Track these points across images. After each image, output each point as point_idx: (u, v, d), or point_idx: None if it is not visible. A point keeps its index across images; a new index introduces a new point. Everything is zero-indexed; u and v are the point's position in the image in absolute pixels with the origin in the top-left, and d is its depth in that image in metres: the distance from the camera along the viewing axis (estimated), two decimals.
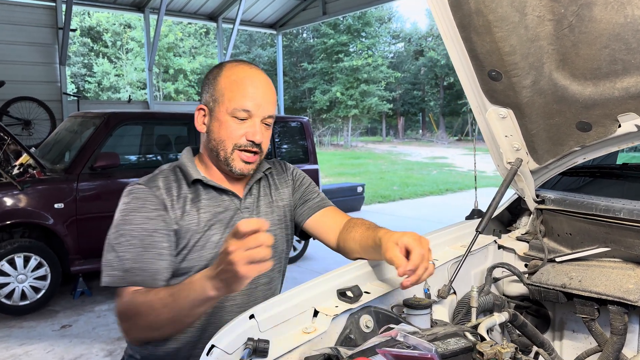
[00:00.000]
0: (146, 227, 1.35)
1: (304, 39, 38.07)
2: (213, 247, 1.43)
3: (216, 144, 1.45)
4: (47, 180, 5.03)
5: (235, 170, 1.46)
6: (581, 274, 1.54)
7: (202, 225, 1.43)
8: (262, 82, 1.46)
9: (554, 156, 1.67)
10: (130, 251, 1.33)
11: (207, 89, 1.47)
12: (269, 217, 1.57)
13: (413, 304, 1.37)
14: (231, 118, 1.42)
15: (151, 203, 1.39)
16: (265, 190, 1.61)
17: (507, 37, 1.42)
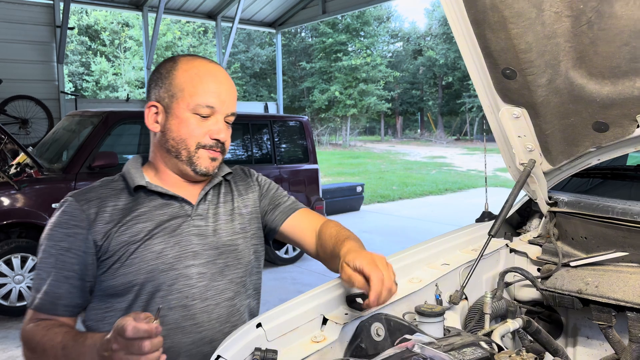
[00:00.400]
0: (62, 244, 1.27)
1: (303, 38, 37.99)
2: (155, 258, 1.29)
3: (176, 144, 1.33)
4: (44, 180, 4.97)
5: (200, 170, 1.35)
6: (598, 279, 1.49)
7: (141, 236, 1.30)
8: (224, 77, 1.36)
9: (568, 157, 1.62)
10: (45, 270, 1.26)
11: (160, 84, 1.35)
12: (228, 225, 1.43)
13: (425, 312, 1.31)
14: (192, 115, 1.31)
15: (74, 219, 1.28)
16: (225, 197, 1.48)
17: (523, 34, 1.37)
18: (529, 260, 1.75)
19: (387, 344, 1.28)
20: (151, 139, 1.40)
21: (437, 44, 38.65)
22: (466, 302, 1.59)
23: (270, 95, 32.40)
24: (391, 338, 1.29)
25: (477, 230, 1.77)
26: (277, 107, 12.95)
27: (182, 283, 1.31)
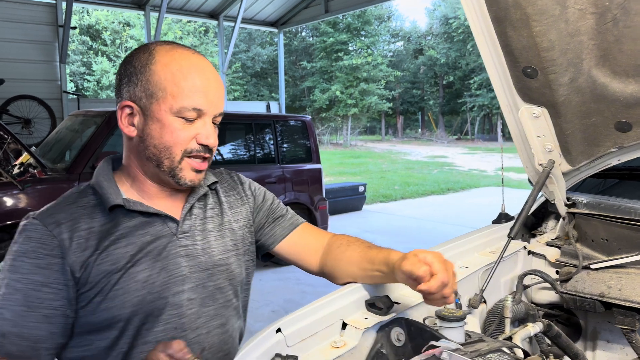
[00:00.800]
0: (34, 278, 1.07)
1: (303, 37, 37.97)
2: (140, 288, 1.13)
3: (158, 152, 1.14)
4: (48, 180, 4.94)
5: (184, 182, 1.17)
6: (620, 282, 1.46)
7: (122, 263, 1.12)
8: (211, 72, 1.17)
9: (588, 158, 1.59)
10: (11, 309, 1.05)
11: (133, 81, 1.14)
12: (218, 242, 1.27)
13: (447, 316, 1.28)
14: (177, 119, 1.12)
15: (44, 247, 1.08)
16: (213, 210, 1.31)
17: (545, 32, 1.33)
18: (547, 263, 1.72)
19: (407, 350, 1.25)
20: (124, 143, 1.21)
21: (438, 43, 38.63)
22: (485, 305, 1.56)
23: (272, 94, 32.38)
24: (412, 343, 1.26)
25: (494, 232, 1.74)
26: (280, 106, 12.93)
27: (171, 312, 1.17)
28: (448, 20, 36.20)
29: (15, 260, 1.08)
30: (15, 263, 1.08)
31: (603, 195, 1.77)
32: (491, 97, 32.79)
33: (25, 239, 1.09)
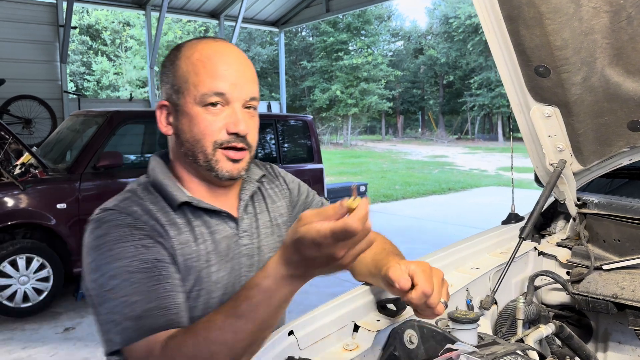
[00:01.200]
0: (145, 257, 1.00)
1: (303, 37, 37.96)
2: (215, 289, 1.10)
3: (191, 146, 1.10)
4: (49, 180, 4.93)
5: (222, 174, 1.10)
6: (633, 283, 1.45)
7: (202, 261, 1.09)
8: (235, 55, 1.11)
9: (600, 157, 1.57)
10: (136, 291, 0.96)
11: (164, 80, 1.13)
12: (268, 239, 1.23)
13: (460, 318, 1.26)
14: (203, 109, 1.07)
15: (140, 230, 1.03)
16: (260, 206, 1.26)
17: (559, 30, 1.32)
18: (558, 264, 1.71)
19: (420, 352, 1.24)
20: (169, 145, 1.18)
21: (438, 42, 38.63)
22: (496, 307, 1.54)
23: (272, 94, 32.36)
24: (424, 346, 1.25)
25: (504, 232, 1.73)
26: (280, 106, 12.92)
27: None
28: (448, 20, 36.19)
29: (111, 250, 0.99)
30: (114, 252, 0.99)
31: (613, 195, 1.76)
32: (491, 97, 32.79)
33: (112, 227, 1.02)
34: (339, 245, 0.77)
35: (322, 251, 0.78)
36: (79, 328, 4.58)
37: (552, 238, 1.81)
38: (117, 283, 0.96)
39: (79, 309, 5.04)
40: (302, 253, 0.80)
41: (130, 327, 0.94)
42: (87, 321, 4.72)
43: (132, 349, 0.94)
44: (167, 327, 0.94)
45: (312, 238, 0.77)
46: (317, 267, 0.82)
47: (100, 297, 0.98)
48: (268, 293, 0.85)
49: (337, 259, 0.78)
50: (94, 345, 4.22)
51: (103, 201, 4.23)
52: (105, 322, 0.97)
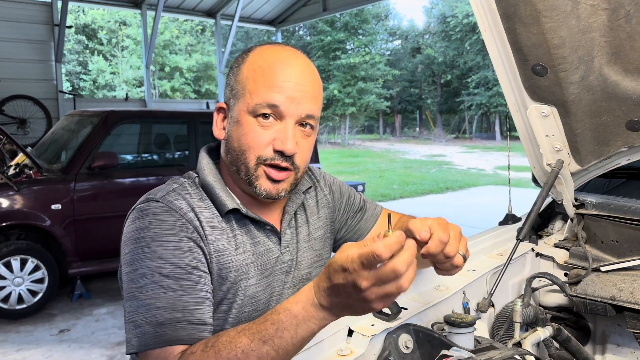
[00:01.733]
0: (180, 262, 0.95)
1: (301, 36, 37.91)
2: (248, 304, 1.06)
3: (236, 156, 1.04)
4: (43, 181, 4.89)
5: (260, 192, 1.04)
6: (632, 285, 1.43)
7: (239, 272, 1.04)
8: (300, 67, 1.04)
9: (597, 157, 1.55)
10: (163, 297, 0.92)
11: (228, 82, 1.09)
12: (306, 254, 1.18)
13: (456, 322, 1.24)
14: (254, 119, 1.01)
15: (183, 229, 0.99)
16: (302, 218, 1.20)
17: (556, 28, 1.30)
18: (556, 265, 1.69)
19: (416, 357, 1.22)
20: (221, 151, 1.13)
21: (436, 41, 38.62)
22: (493, 309, 1.52)
23: None
24: (420, 350, 1.23)
25: (501, 234, 1.71)
26: None
27: None
28: (446, 19, 36.19)
29: (149, 247, 0.95)
30: (152, 249, 0.95)
31: (611, 196, 1.74)
32: (489, 96, 32.81)
33: (154, 222, 0.98)
34: (364, 273, 0.73)
35: (347, 278, 0.75)
36: (74, 330, 4.54)
37: (549, 239, 1.79)
38: (146, 283, 0.93)
39: (74, 310, 5.00)
40: (332, 279, 0.77)
41: (149, 333, 0.91)
42: (82, 323, 4.69)
43: (146, 355, 0.92)
44: (186, 342, 0.91)
45: (341, 263, 0.75)
46: (343, 299, 0.78)
47: (128, 293, 0.95)
48: (296, 320, 0.81)
49: (361, 289, 0.74)
50: (89, 347, 4.19)
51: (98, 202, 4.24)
52: (128, 321, 0.94)
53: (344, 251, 0.76)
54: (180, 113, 6.31)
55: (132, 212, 1.03)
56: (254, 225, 1.10)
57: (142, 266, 0.94)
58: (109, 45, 29.88)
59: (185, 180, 1.10)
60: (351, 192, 1.35)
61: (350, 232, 1.32)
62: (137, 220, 0.99)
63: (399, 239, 0.73)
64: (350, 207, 1.32)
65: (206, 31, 31.04)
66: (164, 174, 5.58)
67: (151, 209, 1.00)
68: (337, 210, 1.30)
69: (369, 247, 0.73)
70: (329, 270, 0.78)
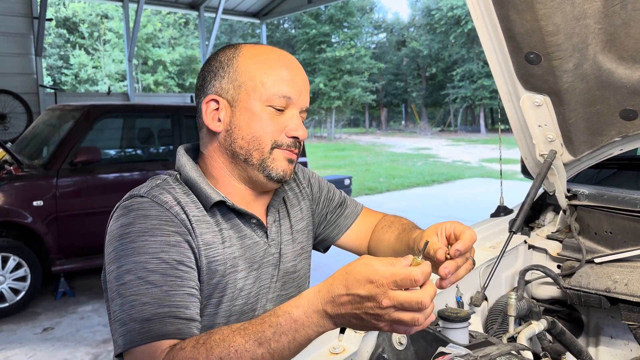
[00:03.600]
0: (166, 257, 0.94)
1: (286, 29, 37.69)
2: (237, 297, 1.06)
3: (247, 144, 1.06)
4: (24, 177, 4.78)
5: (275, 175, 1.08)
6: (626, 276, 1.41)
7: (227, 265, 1.04)
8: (298, 65, 1.14)
9: (591, 147, 1.53)
10: (149, 292, 0.91)
11: (220, 74, 1.09)
12: (290, 247, 1.19)
13: (450, 317, 1.21)
14: (266, 108, 1.06)
15: (168, 224, 0.98)
16: (283, 211, 1.22)
17: (551, 15, 1.26)
18: (549, 257, 1.67)
19: (410, 353, 1.19)
20: (206, 142, 1.13)
21: (421, 34, 38.67)
22: (486, 303, 1.50)
23: None
24: (414, 346, 1.20)
25: (493, 226, 1.68)
26: None
27: None
28: (430, 12, 36.23)
29: (134, 242, 0.94)
30: (137, 244, 0.94)
31: (603, 186, 1.72)
32: (473, 89, 32.97)
33: (140, 217, 0.97)
34: (391, 292, 0.74)
35: (372, 291, 0.74)
36: (58, 328, 4.46)
37: (542, 231, 1.77)
38: (131, 279, 0.92)
39: (58, 308, 4.91)
40: (350, 288, 0.76)
41: (135, 330, 0.89)
42: (66, 321, 4.61)
43: (131, 353, 0.89)
44: (174, 336, 0.89)
45: (367, 275, 0.75)
46: (356, 310, 0.77)
47: (113, 292, 0.93)
48: (296, 325, 0.80)
49: (381, 306, 0.74)
50: (74, 346, 4.12)
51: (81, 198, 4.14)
52: (114, 321, 0.93)
53: (367, 264, 0.76)
54: (163, 107, 6.21)
55: (116, 210, 1.02)
56: (240, 219, 1.10)
57: (127, 262, 0.93)
58: (91, 39, 29.40)
59: (168, 177, 1.10)
60: (330, 186, 1.37)
61: (329, 228, 1.33)
62: (122, 217, 0.98)
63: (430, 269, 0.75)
64: (329, 201, 1.33)
65: (190, 24, 30.69)
66: (148, 168, 5.49)
67: (136, 204, 0.99)
68: (316, 204, 1.31)
69: (407, 270, 0.74)
70: (347, 278, 0.77)
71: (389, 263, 0.76)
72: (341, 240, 1.33)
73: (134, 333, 0.88)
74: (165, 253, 0.94)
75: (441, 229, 1.00)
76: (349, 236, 1.33)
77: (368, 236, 1.33)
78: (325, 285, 0.79)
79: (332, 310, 0.78)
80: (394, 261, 0.76)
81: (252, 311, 1.09)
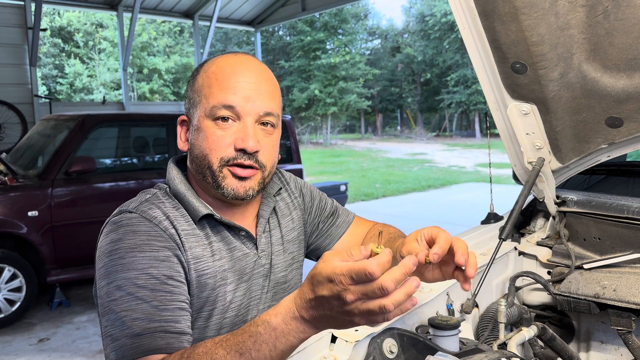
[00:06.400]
0: (155, 272, 0.94)
1: (281, 36, 37.79)
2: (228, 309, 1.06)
3: (200, 162, 1.04)
4: (19, 187, 4.77)
5: (227, 192, 1.04)
6: (615, 282, 1.42)
7: (217, 278, 1.04)
8: (252, 68, 1.05)
9: (578, 154, 1.55)
10: (139, 308, 0.91)
11: (188, 93, 1.10)
12: (281, 257, 1.19)
13: (440, 324, 1.22)
14: (213, 122, 1.02)
15: (157, 239, 0.98)
16: (274, 221, 1.21)
17: (535, 26, 1.29)
18: (539, 263, 1.68)
19: None
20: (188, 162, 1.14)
21: (415, 40, 38.85)
22: (477, 310, 1.51)
23: None
24: (405, 355, 1.21)
25: (484, 233, 1.69)
26: None
27: None
28: (424, 18, 36.42)
29: (123, 258, 0.94)
30: (126, 260, 0.94)
31: (592, 192, 1.74)
32: (468, 94, 33.11)
33: (129, 233, 0.97)
34: (351, 288, 0.71)
35: (333, 289, 0.72)
36: (54, 338, 4.44)
37: (532, 237, 1.79)
38: (121, 295, 0.92)
39: (53, 319, 4.89)
40: (316, 291, 0.75)
41: (127, 345, 0.90)
42: (62, 331, 4.59)
43: None
44: (165, 351, 0.90)
45: (327, 274, 0.73)
46: (326, 311, 0.75)
47: (104, 307, 0.94)
48: (275, 333, 0.79)
49: (345, 302, 0.72)
50: (70, 356, 4.10)
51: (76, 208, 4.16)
52: (105, 336, 0.93)
53: (326, 261, 0.74)
54: (158, 115, 6.21)
55: (106, 225, 1.03)
56: (229, 231, 1.10)
57: (117, 278, 0.93)
58: (86, 48, 29.41)
59: (157, 191, 1.10)
60: (322, 196, 1.36)
61: (321, 237, 1.32)
62: (111, 232, 0.98)
63: (389, 257, 0.71)
64: (321, 211, 1.33)
65: (184, 32, 30.75)
66: (143, 177, 5.49)
67: (125, 220, 0.99)
68: (308, 214, 1.31)
69: (361, 263, 0.70)
70: (312, 281, 0.75)
71: (347, 257, 0.74)
72: (333, 249, 1.33)
73: (126, 348, 0.89)
74: (154, 268, 0.95)
75: (421, 234, 0.98)
76: (341, 245, 1.33)
77: (357, 245, 1.32)
78: (299, 291, 0.79)
79: (307, 315, 0.77)
80: (353, 252, 0.74)
81: (243, 323, 1.10)
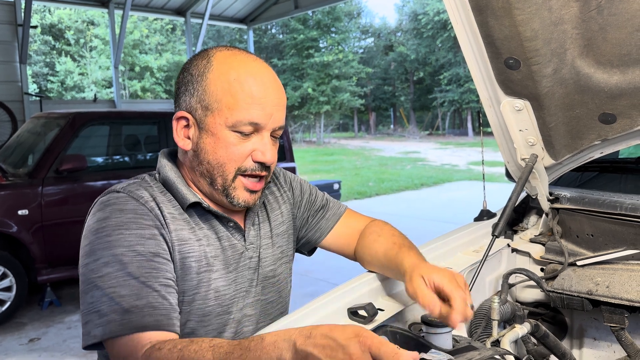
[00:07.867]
0: (142, 249, 0.96)
1: (273, 34, 37.72)
2: (213, 298, 1.06)
3: (211, 168, 1.06)
4: (9, 186, 4.73)
5: (237, 203, 1.08)
6: (608, 278, 1.42)
7: (202, 263, 1.05)
8: (271, 81, 1.07)
9: (571, 151, 1.54)
10: (126, 285, 0.92)
11: (190, 90, 1.06)
12: (269, 251, 1.20)
13: (433, 322, 1.21)
14: (232, 133, 1.03)
15: (143, 217, 0.99)
16: (262, 215, 1.22)
17: (529, 21, 1.27)
18: (532, 260, 1.68)
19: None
20: (180, 153, 1.13)
21: (408, 39, 38.91)
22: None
23: None
24: None
25: (477, 230, 1.69)
26: None
27: (230, 330, 1.10)
28: (417, 16, 36.47)
29: (110, 236, 0.96)
30: (112, 238, 0.95)
31: (585, 189, 1.74)
32: (461, 92, 33.22)
33: (116, 212, 0.99)
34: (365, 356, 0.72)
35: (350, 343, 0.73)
36: (45, 338, 4.41)
37: (525, 234, 1.78)
38: (108, 271, 0.93)
39: (44, 318, 4.86)
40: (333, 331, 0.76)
41: (116, 320, 0.90)
42: (53, 331, 4.56)
43: (114, 344, 0.90)
44: (154, 328, 0.91)
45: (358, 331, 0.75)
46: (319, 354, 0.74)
47: (89, 284, 0.94)
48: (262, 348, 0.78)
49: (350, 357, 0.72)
50: (61, 356, 4.07)
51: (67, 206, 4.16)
52: (89, 312, 0.93)
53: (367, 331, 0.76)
54: (150, 113, 6.18)
55: (94, 206, 1.04)
56: (217, 220, 1.11)
57: (103, 255, 0.94)
58: (77, 46, 29.21)
59: (147, 176, 1.13)
60: (312, 190, 1.36)
61: (311, 231, 1.33)
62: (99, 212, 1.00)
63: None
64: (311, 204, 1.33)
65: (177, 30, 30.61)
66: (134, 175, 5.46)
67: (112, 199, 1.01)
68: (297, 208, 1.31)
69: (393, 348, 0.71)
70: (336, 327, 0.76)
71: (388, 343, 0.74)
72: (325, 242, 1.34)
73: (114, 324, 0.89)
74: (140, 245, 0.96)
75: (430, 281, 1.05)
76: (332, 237, 1.33)
77: (353, 238, 1.33)
78: (313, 325, 0.79)
79: (300, 343, 0.76)
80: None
81: (226, 314, 1.09)
